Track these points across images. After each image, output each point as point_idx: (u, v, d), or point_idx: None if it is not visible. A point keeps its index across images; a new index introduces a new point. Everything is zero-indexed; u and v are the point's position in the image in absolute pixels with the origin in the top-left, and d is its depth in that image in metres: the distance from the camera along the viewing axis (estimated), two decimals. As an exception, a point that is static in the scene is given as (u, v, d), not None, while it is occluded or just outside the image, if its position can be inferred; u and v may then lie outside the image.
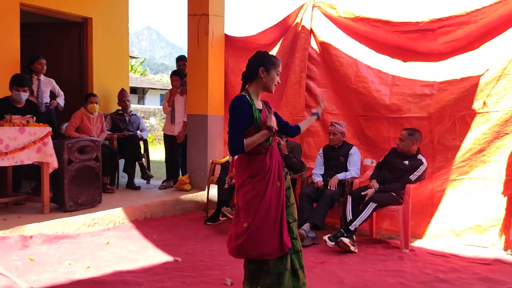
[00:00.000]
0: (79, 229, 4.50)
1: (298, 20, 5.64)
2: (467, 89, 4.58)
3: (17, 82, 5.00)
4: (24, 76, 5.22)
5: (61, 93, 6.25)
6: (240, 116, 2.76)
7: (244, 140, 2.75)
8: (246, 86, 2.93)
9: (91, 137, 5.45)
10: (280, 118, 3.07)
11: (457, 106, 4.66)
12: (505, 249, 4.28)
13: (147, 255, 4.00)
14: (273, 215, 2.77)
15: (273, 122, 2.75)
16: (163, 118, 16.04)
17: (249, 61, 2.95)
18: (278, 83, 2.91)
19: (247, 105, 2.79)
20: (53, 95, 6.14)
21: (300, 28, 5.59)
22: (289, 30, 5.75)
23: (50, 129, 4.67)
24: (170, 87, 6.55)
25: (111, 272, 3.50)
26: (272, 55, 2.97)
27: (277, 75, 2.89)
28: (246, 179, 2.81)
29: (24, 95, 5.05)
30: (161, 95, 25.84)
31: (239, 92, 6.57)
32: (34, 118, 4.75)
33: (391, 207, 4.45)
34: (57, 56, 7.01)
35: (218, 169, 5.54)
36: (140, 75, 28.68)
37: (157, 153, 12.79)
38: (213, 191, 5.50)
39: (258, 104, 2.88)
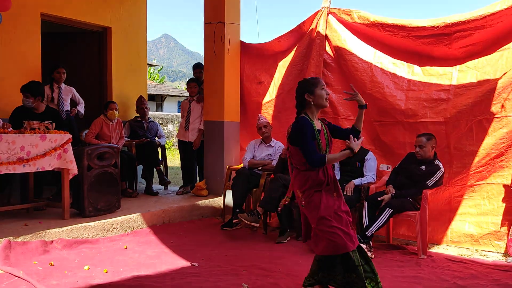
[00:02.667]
0: (98, 234, 4.58)
1: (313, 26, 5.66)
2: (484, 93, 4.54)
3: (22, 88, 5.11)
4: (32, 83, 5.19)
5: (81, 101, 6.38)
6: (309, 133, 2.98)
7: (326, 154, 2.97)
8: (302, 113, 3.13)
9: (110, 144, 5.55)
10: (336, 127, 3.30)
11: (473, 111, 4.61)
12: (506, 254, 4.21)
13: (165, 260, 4.04)
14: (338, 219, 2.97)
15: (355, 145, 2.97)
16: (181, 125, 16.16)
17: (296, 93, 3.16)
18: (327, 95, 3.10)
19: (310, 125, 3.02)
20: (73, 103, 6.28)
21: (315, 34, 5.61)
22: (304, 37, 5.77)
23: (70, 136, 4.77)
24: (188, 94, 6.63)
25: (129, 276, 3.55)
26: (310, 78, 3.21)
27: (323, 89, 3.07)
28: (304, 191, 3.03)
29: (27, 101, 5.10)
30: (178, 102, 26.10)
31: (254, 99, 6.65)
32: (54, 124, 4.83)
33: (408, 213, 4.41)
34: (77, 64, 7.17)
35: (234, 175, 5.57)
36: (158, 82, 29.01)
37: (174, 159, 12.91)
38: (230, 197, 5.54)
39: (317, 125, 3.08)
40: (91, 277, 3.52)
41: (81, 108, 6.33)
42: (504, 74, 4.44)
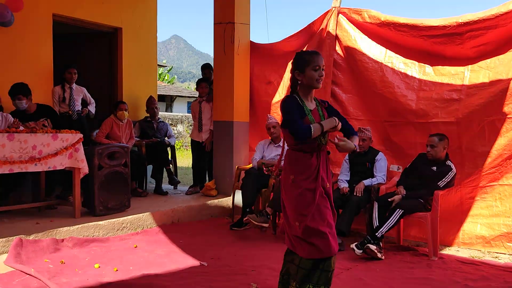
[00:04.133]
0: (108, 233, 4.61)
1: (323, 26, 5.65)
2: (497, 93, 4.49)
3: (10, 91, 5.04)
4: (18, 84, 5.11)
5: (92, 101, 6.43)
6: (293, 109, 2.70)
7: (311, 124, 2.67)
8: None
9: (120, 144, 5.59)
10: (341, 118, 2.91)
11: (486, 111, 4.56)
12: None
13: (174, 259, 4.06)
14: (324, 214, 2.70)
15: (350, 144, 2.73)
16: (190, 125, 16.25)
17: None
18: (320, 77, 2.73)
19: (296, 103, 2.74)
20: (84, 103, 6.33)
21: (325, 34, 5.59)
22: (314, 36, 5.76)
23: (81, 135, 4.81)
24: (197, 94, 6.65)
25: (139, 275, 3.56)
26: (305, 52, 2.86)
27: (315, 70, 2.72)
28: (292, 177, 2.75)
29: (20, 103, 5.05)
30: (188, 102, 26.19)
31: (263, 99, 6.56)
32: (49, 120, 4.84)
33: (418, 214, 4.38)
34: (88, 65, 7.22)
35: (243, 175, 5.57)
36: (168, 83, 29.15)
37: (184, 159, 12.95)
38: (239, 197, 5.53)
39: (310, 105, 2.80)
40: (101, 275, 3.54)
41: (92, 108, 6.38)
42: (518, 73, 4.39)
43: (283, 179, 2.85)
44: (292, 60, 2.90)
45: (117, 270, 3.66)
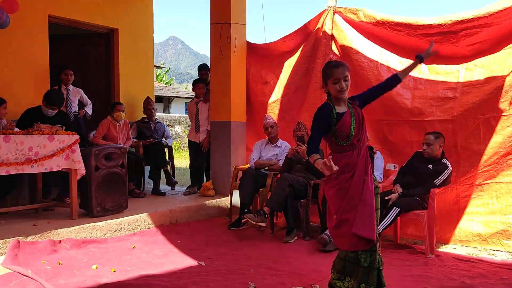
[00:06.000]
0: (106, 234, 4.61)
1: (319, 26, 5.66)
2: (492, 91, 4.50)
3: (48, 100, 5.11)
4: (56, 95, 5.23)
5: (89, 102, 6.43)
6: (318, 120, 2.93)
7: (315, 154, 2.85)
8: None
9: (117, 144, 5.58)
10: (365, 94, 3.16)
11: (481, 109, 4.57)
12: None
13: (172, 259, 4.06)
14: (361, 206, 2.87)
15: (329, 169, 2.75)
16: (188, 126, 16.25)
17: None
18: (341, 89, 2.92)
19: (327, 111, 2.92)
20: (81, 104, 6.33)
21: (321, 34, 5.60)
22: (310, 36, 5.77)
23: (78, 136, 4.81)
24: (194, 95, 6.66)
25: (137, 276, 3.56)
26: (327, 65, 3.03)
27: (336, 83, 2.92)
28: (332, 175, 2.89)
29: (51, 112, 5.13)
30: (185, 103, 26.19)
31: (260, 99, 6.64)
32: (64, 128, 4.88)
33: (415, 212, 4.39)
34: (85, 66, 7.23)
35: (240, 175, 5.58)
36: (166, 84, 29.12)
37: (182, 160, 12.95)
38: (236, 197, 5.55)
39: (340, 110, 2.96)
40: (99, 276, 3.54)
41: (88, 110, 6.38)
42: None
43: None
44: None
45: (115, 271, 3.66)
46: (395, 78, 3.19)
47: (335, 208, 2.95)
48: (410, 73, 5.01)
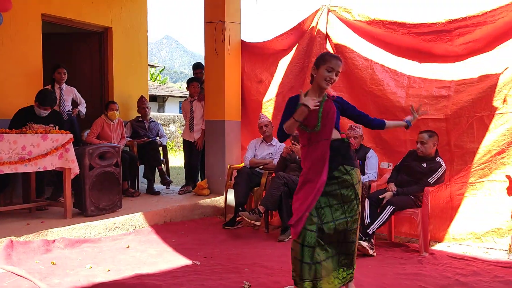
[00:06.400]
0: (100, 233, 4.59)
1: (313, 24, 5.66)
2: (485, 90, 4.52)
3: (40, 100, 5.01)
4: (49, 95, 5.13)
5: (83, 101, 6.39)
6: (286, 109, 2.95)
7: (284, 124, 2.92)
8: None
9: (111, 143, 5.56)
10: (350, 107, 3.14)
11: (474, 107, 4.59)
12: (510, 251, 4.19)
13: (167, 258, 4.05)
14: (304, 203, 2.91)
15: (307, 100, 2.82)
16: (183, 125, 16.21)
17: None
18: (330, 79, 2.89)
19: (295, 102, 2.92)
20: (74, 103, 6.29)
21: (315, 33, 5.60)
22: (305, 35, 5.77)
23: (71, 135, 4.78)
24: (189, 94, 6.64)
25: (131, 275, 3.55)
26: (328, 53, 3.04)
27: (329, 71, 2.88)
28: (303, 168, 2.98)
29: (44, 113, 5.05)
30: (180, 102, 26.12)
31: (255, 98, 6.61)
32: (57, 127, 4.84)
33: (409, 210, 4.41)
34: (79, 65, 7.19)
35: (235, 174, 5.58)
36: (160, 83, 29.03)
37: (176, 159, 12.93)
38: (231, 196, 5.54)
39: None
40: (93, 275, 3.52)
41: (82, 108, 6.34)
42: (506, 69, 4.41)
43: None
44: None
45: (109, 271, 3.65)
46: (380, 125, 3.18)
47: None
48: (404, 72, 5.08)
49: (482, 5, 4.49)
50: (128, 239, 4.58)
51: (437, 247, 4.59)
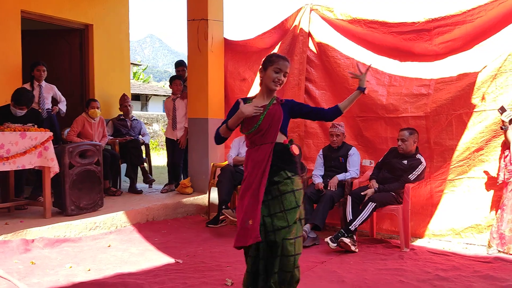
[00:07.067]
0: (80, 232, 4.53)
1: (296, 23, 5.68)
2: (464, 88, 4.59)
3: (15, 100, 4.89)
4: (24, 94, 4.99)
5: (63, 99, 6.30)
6: (230, 114, 2.89)
7: (221, 128, 2.90)
8: None
9: (92, 142, 5.49)
10: (302, 106, 3.01)
11: (453, 105, 4.67)
12: (489, 246, 4.27)
13: (149, 257, 4.02)
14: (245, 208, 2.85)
15: (245, 108, 2.78)
16: (166, 124, 16.11)
17: None
18: (278, 80, 2.81)
19: (236, 106, 2.86)
20: (54, 101, 6.19)
21: (298, 31, 5.63)
22: (288, 33, 5.79)
23: (51, 133, 4.71)
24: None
25: (112, 274, 3.52)
26: (274, 54, 2.94)
27: (276, 72, 2.80)
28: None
29: (20, 113, 4.93)
30: (163, 101, 25.93)
31: (238, 96, 6.62)
32: (36, 126, 4.76)
33: (390, 207, 4.46)
34: (59, 62, 7.08)
35: (219, 172, 5.56)
36: (143, 82, 28.79)
37: (160, 158, 12.83)
38: (214, 194, 5.52)
39: (259, 102, 2.87)
40: (73, 275, 3.48)
41: (62, 106, 6.25)
42: (484, 67, 4.49)
43: None
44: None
45: (89, 270, 3.61)
46: (335, 111, 2.99)
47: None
48: (385, 71, 5.12)
49: (461, 4, 4.56)
50: (110, 238, 4.54)
51: (418, 243, 4.65)
